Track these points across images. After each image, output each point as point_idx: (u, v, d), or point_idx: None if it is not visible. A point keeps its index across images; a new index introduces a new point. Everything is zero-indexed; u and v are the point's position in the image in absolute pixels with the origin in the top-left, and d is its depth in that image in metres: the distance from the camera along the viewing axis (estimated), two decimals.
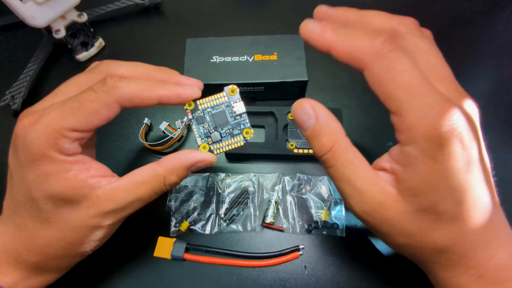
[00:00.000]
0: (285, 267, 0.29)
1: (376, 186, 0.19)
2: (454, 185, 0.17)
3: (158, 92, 0.22)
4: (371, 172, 0.20)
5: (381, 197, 0.19)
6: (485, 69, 0.40)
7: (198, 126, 0.24)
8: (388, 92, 0.18)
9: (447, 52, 0.23)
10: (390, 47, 0.18)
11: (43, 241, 0.22)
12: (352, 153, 0.20)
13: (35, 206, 0.21)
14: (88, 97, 0.20)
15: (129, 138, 0.36)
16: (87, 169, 0.21)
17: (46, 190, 0.20)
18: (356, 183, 0.19)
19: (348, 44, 0.19)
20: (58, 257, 0.23)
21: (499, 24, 0.44)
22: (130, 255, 0.30)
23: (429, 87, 0.18)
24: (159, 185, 0.22)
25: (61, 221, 0.21)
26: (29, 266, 0.22)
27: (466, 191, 0.17)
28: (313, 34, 0.21)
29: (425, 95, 0.17)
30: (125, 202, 0.22)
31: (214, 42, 0.38)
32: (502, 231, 0.19)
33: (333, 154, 0.20)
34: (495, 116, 0.36)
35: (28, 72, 0.39)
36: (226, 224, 0.31)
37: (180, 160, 0.23)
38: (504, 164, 0.34)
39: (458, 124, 0.17)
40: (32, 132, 0.20)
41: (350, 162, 0.20)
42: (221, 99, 0.25)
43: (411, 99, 0.17)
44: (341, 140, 0.20)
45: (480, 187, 0.18)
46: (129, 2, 0.45)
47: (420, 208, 0.18)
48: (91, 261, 0.25)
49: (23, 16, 0.35)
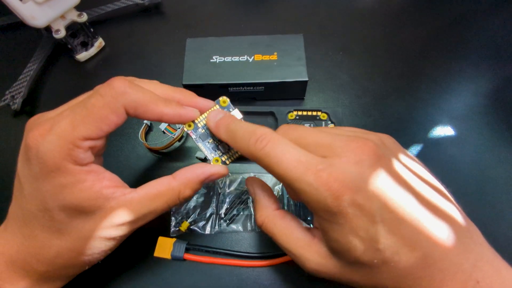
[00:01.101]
0: (285, 267, 0.29)
1: (309, 249, 0.21)
2: (366, 238, 0.18)
3: (162, 109, 0.22)
4: (304, 236, 0.21)
5: (316, 259, 0.20)
6: (485, 69, 0.40)
7: (204, 142, 0.25)
8: (278, 179, 0.20)
9: (447, 52, 0.23)
10: (262, 145, 0.20)
11: (53, 251, 0.22)
12: (284, 223, 0.22)
13: (48, 216, 0.21)
14: (97, 102, 0.20)
15: (129, 138, 0.36)
16: (101, 180, 0.21)
17: (61, 201, 0.20)
18: (292, 249, 0.21)
19: (235, 146, 0.22)
20: (67, 267, 0.23)
21: (499, 24, 0.44)
22: (130, 255, 0.30)
23: (305, 166, 0.18)
24: (174, 198, 0.23)
25: (74, 231, 0.21)
26: (37, 276, 0.22)
27: (381, 239, 0.17)
28: (212, 130, 0.24)
29: (303, 175, 0.18)
30: (139, 215, 0.22)
31: (214, 42, 0.38)
32: (449, 262, 0.18)
33: (266, 226, 0.23)
34: (495, 116, 0.36)
35: (28, 72, 0.39)
36: (226, 224, 0.31)
37: (195, 173, 0.23)
38: (505, 164, 0.34)
39: (338, 191, 0.17)
40: (44, 144, 0.20)
41: (282, 233, 0.22)
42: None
43: (294, 183, 0.19)
44: (269, 215, 0.23)
45: (398, 228, 0.18)
46: (129, 2, 0.45)
47: (349, 262, 0.19)
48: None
49: (23, 16, 0.35)
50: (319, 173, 0.18)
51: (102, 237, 0.22)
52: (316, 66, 0.40)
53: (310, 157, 0.19)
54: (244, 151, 0.21)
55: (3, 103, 0.37)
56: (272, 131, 0.21)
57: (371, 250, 0.18)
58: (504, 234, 0.30)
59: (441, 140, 0.35)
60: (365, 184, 0.18)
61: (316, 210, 0.19)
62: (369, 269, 0.18)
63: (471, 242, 0.19)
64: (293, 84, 0.35)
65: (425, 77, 0.40)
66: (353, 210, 0.17)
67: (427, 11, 0.45)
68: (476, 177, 0.33)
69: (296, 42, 0.37)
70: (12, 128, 0.38)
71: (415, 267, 0.17)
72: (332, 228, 0.18)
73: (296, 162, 0.19)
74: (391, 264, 0.18)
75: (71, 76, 0.42)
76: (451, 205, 0.19)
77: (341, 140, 0.20)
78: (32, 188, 0.21)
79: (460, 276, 0.18)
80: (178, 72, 0.36)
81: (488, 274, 0.18)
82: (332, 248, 0.20)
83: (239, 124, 0.22)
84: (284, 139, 0.20)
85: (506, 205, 0.31)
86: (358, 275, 0.19)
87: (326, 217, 0.18)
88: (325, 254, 0.20)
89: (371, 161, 0.19)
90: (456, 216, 0.19)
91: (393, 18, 0.45)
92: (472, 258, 0.18)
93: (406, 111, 0.37)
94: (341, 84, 0.40)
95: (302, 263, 0.21)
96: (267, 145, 0.20)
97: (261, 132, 0.20)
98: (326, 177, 0.18)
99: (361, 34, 0.44)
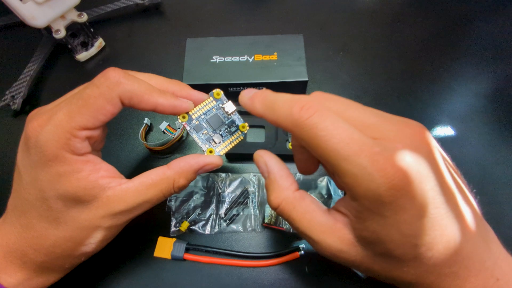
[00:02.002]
0: (285, 267, 0.29)
1: (331, 235, 0.19)
2: (408, 233, 0.17)
3: (156, 99, 0.22)
4: (326, 220, 0.20)
5: (338, 245, 0.19)
6: (485, 69, 0.40)
7: (198, 134, 0.25)
8: (319, 156, 0.18)
9: (447, 52, 0.23)
10: (307, 114, 0.18)
11: (50, 241, 0.22)
12: (304, 206, 0.20)
13: (45, 205, 0.21)
14: (92, 93, 0.21)
15: (129, 138, 0.36)
16: (97, 170, 0.22)
17: (58, 190, 0.21)
18: (312, 235, 0.20)
19: (273, 117, 0.20)
20: (64, 257, 0.23)
21: (499, 24, 0.44)
22: (130, 255, 0.30)
23: (358, 145, 0.16)
24: (168, 187, 0.23)
25: (70, 221, 0.22)
26: (34, 266, 0.23)
27: (422, 235, 0.17)
28: (246, 106, 0.22)
29: (355, 155, 0.16)
30: (134, 204, 0.22)
31: (214, 42, 0.38)
32: (474, 259, 0.18)
33: (282, 210, 0.21)
34: (495, 116, 0.36)
35: (28, 72, 0.39)
36: (226, 224, 0.31)
37: (189, 163, 0.23)
38: (505, 164, 0.34)
39: (397, 180, 0.16)
40: (43, 133, 0.20)
41: (302, 217, 0.20)
42: (210, 104, 0.26)
43: (342, 163, 0.17)
44: (288, 197, 0.21)
45: (440, 224, 0.17)
46: (129, 2, 0.45)
47: (377, 253, 0.18)
48: (92, 261, 0.25)
49: (23, 16, 0.35)
50: (375, 156, 0.16)
51: (98, 226, 0.22)
52: (316, 66, 0.40)
53: (364, 137, 0.17)
54: (286, 121, 0.19)
55: (3, 103, 0.37)
56: (318, 101, 0.19)
57: (408, 245, 0.17)
58: (504, 234, 0.30)
59: (441, 140, 0.35)
60: (423, 175, 0.16)
61: (361, 197, 0.17)
62: (396, 262, 0.18)
63: (489, 240, 0.19)
64: (293, 84, 0.35)
65: (425, 77, 0.40)
66: (406, 203, 0.16)
67: (427, 11, 0.45)
68: (476, 177, 0.33)
69: (296, 42, 0.37)
70: (12, 128, 0.38)
71: (443, 264, 0.17)
72: (374, 218, 0.17)
73: (349, 139, 0.17)
74: (423, 260, 0.17)
75: (71, 76, 0.42)
76: (475, 203, 0.19)
77: (392, 122, 0.18)
78: (31, 177, 0.21)
79: (483, 273, 0.18)
80: (178, 72, 0.36)
81: (506, 272, 0.18)
82: (363, 237, 0.18)
83: (277, 94, 0.21)
84: (333, 113, 0.18)
85: (506, 205, 0.31)
86: (381, 266, 0.18)
87: (371, 206, 0.17)
88: (349, 241, 0.19)
89: (428, 150, 0.17)
90: (479, 214, 0.19)
91: (393, 18, 0.45)
92: (492, 255, 0.18)
93: (406, 111, 0.37)
94: (341, 84, 0.40)
95: (321, 248, 0.20)
96: (314, 115, 0.17)
97: (306, 100, 0.18)
98: (383, 162, 0.16)
99: (361, 34, 0.44)
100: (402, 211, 0.16)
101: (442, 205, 0.17)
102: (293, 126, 0.18)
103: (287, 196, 0.21)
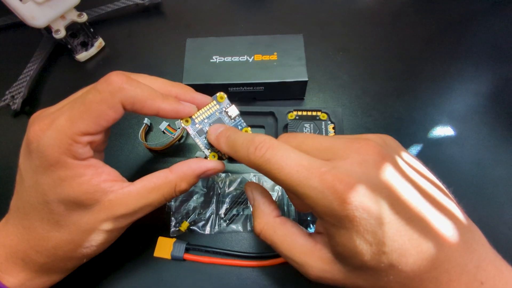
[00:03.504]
0: (285, 267, 0.29)
1: (312, 256, 0.20)
2: (373, 241, 0.17)
3: (159, 105, 0.22)
4: (307, 242, 0.21)
5: (320, 265, 0.20)
6: (485, 69, 0.40)
7: (201, 138, 0.25)
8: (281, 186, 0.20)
9: (447, 52, 0.23)
10: (261, 153, 0.20)
11: (52, 243, 0.22)
12: (284, 230, 0.22)
13: (47, 209, 0.21)
14: (94, 98, 0.20)
15: (129, 138, 0.36)
16: (99, 174, 0.22)
17: (60, 194, 0.21)
18: (294, 257, 0.21)
19: (235, 157, 0.22)
20: (65, 259, 0.23)
21: (498, 24, 0.44)
22: (130, 255, 0.30)
23: (307, 169, 0.18)
24: (170, 191, 0.23)
25: (72, 224, 0.22)
26: (36, 267, 0.23)
27: (388, 242, 0.17)
28: (214, 144, 0.24)
29: (306, 179, 0.18)
30: (136, 207, 0.22)
31: (214, 42, 0.38)
32: (454, 263, 0.17)
33: (265, 234, 0.22)
34: (495, 116, 0.36)
35: (28, 72, 0.39)
36: (226, 224, 0.31)
37: (191, 168, 0.23)
38: (504, 164, 0.34)
39: (346, 194, 0.17)
40: (45, 139, 0.20)
41: (283, 239, 0.21)
42: (213, 108, 0.26)
43: (297, 188, 0.18)
44: (269, 222, 0.22)
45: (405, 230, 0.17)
46: (129, 2, 0.45)
47: (355, 267, 0.18)
48: (92, 261, 0.25)
49: (23, 16, 0.35)
50: (323, 176, 0.18)
51: (100, 229, 0.22)
52: (316, 66, 0.40)
53: (312, 161, 0.19)
54: (245, 161, 0.21)
55: (3, 103, 0.37)
56: (271, 137, 0.21)
57: (378, 254, 0.17)
58: (504, 234, 0.30)
59: (441, 140, 0.35)
60: (371, 185, 0.17)
61: (322, 215, 0.18)
62: (375, 273, 0.18)
63: (473, 242, 0.18)
64: (293, 84, 0.35)
65: (425, 77, 0.40)
66: (360, 213, 0.17)
67: (427, 11, 0.45)
68: (476, 177, 0.33)
69: (296, 42, 0.37)
70: (12, 128, 0.38)
71: (421, 269, 0.17)
72: (339, 232, 0.18)
73: (298, 166, 0.18)
74: (398, 267, 0.17)
75: (71, 76, 0.42)
76: (454, 205, 0.19)
77: (343, 142, 0.20)
78: (33, 181, 0.21)
79: (465, 277, 0.17)
80: (178, 72, 0.36)
81: (492, 275, 0.18)
82: (337, 253, 0.19)
83: (238, 134, 0.22)
84: (284, 145, 0.20)
85: (506, 205, 0.31)
86: (363, 279, 0.19)
87: (332, 221, 0.18)
88: (329, 259, 0.20)
89: (375, 161, 0.18)
90: (459, 216, 0.19)
91: (393, 18, 0.45)
92: (476, 258, 0.18)
93: (406, 111, 0.37)
94: (341, 84, 0.40)
95: (305, 271, 0.21)
96: (267, 152, 0.20)
97: (259, 139, 0.20)
98: (331, 179, 0.17)
99: (361, 34, 0.44)
100: (362, 221, 0.17)
101: (401, 211, 0.17)
102: (252, 165, 0.21)
103: (268, 221, 0.22)
